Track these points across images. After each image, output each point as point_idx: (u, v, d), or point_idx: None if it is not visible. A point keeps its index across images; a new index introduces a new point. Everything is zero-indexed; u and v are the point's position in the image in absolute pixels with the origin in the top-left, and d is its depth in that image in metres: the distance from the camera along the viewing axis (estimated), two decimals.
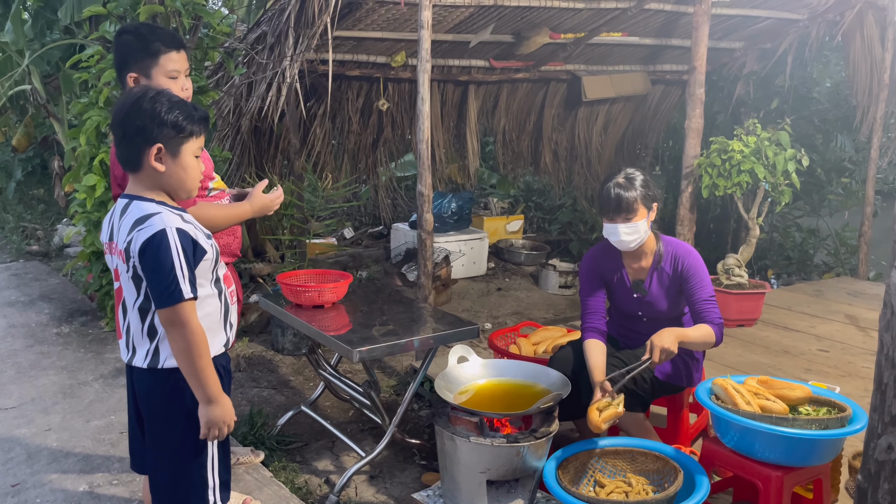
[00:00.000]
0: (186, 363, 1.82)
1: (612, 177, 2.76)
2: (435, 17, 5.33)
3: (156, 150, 1.83)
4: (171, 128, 1.82)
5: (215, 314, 1.97)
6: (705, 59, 4.49)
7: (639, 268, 2.89)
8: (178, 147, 1.85)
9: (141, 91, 1.84)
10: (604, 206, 2.74)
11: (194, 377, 1.82)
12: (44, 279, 6.24)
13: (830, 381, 3.75)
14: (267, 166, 6.36)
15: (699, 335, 2.67)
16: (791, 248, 7.04)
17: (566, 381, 2.67)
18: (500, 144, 7.48)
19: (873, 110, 6.08)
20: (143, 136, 1.81)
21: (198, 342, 1.81)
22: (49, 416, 3.60)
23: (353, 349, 2.71)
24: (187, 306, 1.79)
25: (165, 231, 1.78)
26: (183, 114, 1.84)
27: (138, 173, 1.87)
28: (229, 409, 1.89)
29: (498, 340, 3.71)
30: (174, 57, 2.43)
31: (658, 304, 2.87)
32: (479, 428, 2.44)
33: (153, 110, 1.80)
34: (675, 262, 2.82)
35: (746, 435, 2.35)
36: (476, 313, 5.68)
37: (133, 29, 2.48)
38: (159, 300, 1.79)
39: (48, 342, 4.68)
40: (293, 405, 3.77)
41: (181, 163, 1.87)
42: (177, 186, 1.90)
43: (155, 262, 1.77)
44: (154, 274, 1.78)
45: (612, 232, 2.75)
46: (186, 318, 1.79)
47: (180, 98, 1.88)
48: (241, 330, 4.96)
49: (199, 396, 1.85)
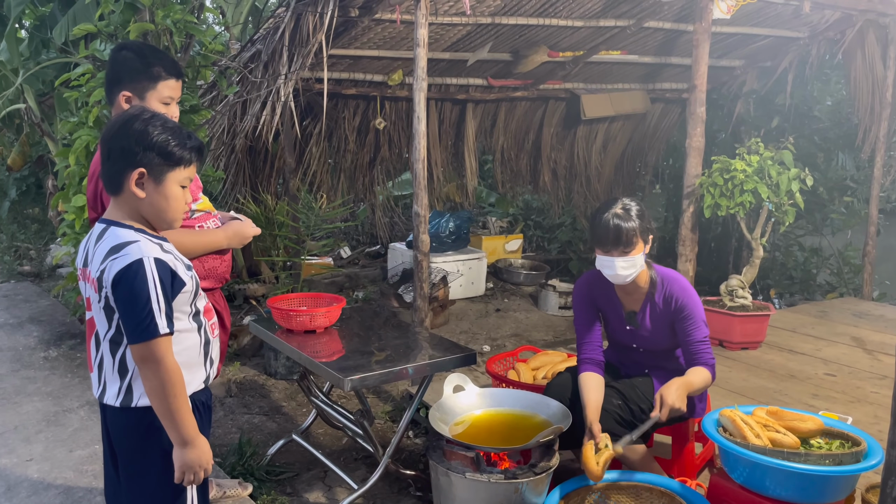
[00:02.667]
0: (160, 403, 1.70)
1: (608, 207, 2.62)
2: (432, 35, 5.28)
3: (137, 174, 1.72)
4: (157, 153, 1.72)
5: (194, 349, 1.85)
6: (706, 77, 4.42)
7: (631, 299, 2.78)
8: (162, 174, 1.75)
9: (137, 111, 1.75)
10: (600, 237, 2.58)
11: (168, 418, 1.71)
12: (34, 301, 6.13)
13: (839, 407, 3.64)
14: (262, 186, 6.28)
15: (700, 381, 2.59)
16: (794, 268, 6.94)
17: (567, 412, 2.56)
18: (499, 163, 7.41)
19: (875, 129, 6.02)
20: (126, 159, 1.72)
21: (173, 381, 1.69)
22: (31, 444, 3.48)
23: (345, 377, 2.60)
24: (162, 342, 1.68)
25: (142, 261, 1.68)
26: (175, 140, 1.74)
27: (118, 196, 1.77)
28: (206, 452, 1.77)
29: (496, 366, 3.60)
30: (172, 84, 2.41)
31: (652, 337, 2.77)
32: (475, 463, 2.32)
33: (143, 132, 1.71)
34: (669, 297, 2.69)
35: (757, 470, 2.24)
36: (474, 335, 5.57)
37: (135, 47, 2.44)
38: (132, 335, 1.68)
39: (35, 367, 4.56)
40: (285, 432, 3.65)
41: (164, 191, 1.76)
42: (155, 216, 1.79)
43: (129, 293, 1.66)
44: (128, 307, 1.67)
45: (608, 265, 2.60)
46: (161, 355, 1.68)
47: (176, 124, 1.79)
48: (233, 353, 4.85)
49: (174, 438, 1.73)
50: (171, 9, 3.60)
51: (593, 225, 2.64)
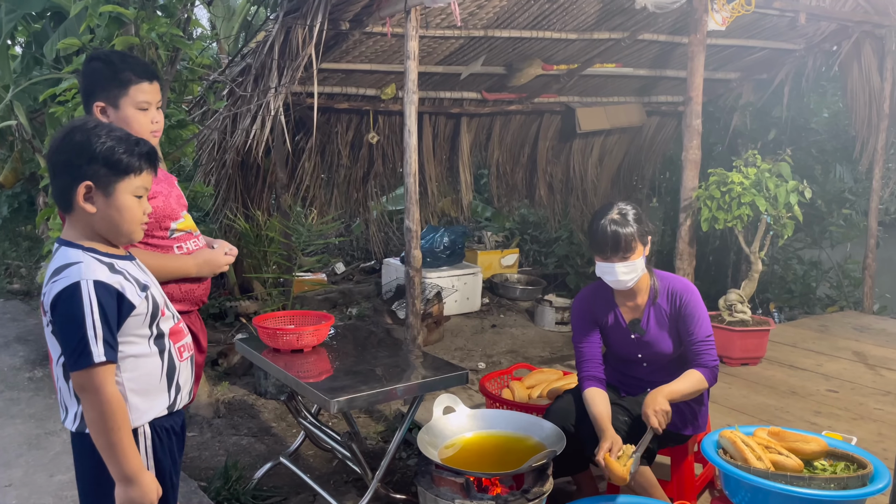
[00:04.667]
0: (98, 435, 1.60)
1: (604, 212, 2.57)
2: (424, 48, 5.23)
3: (84, 188, 1.62)
4: (102, 163, 1.62)
5: (154, 375, 1.74)
6: (701, 89, 4.37)
7: (633, 306, 2.71)
8: (110, 185, 1.64)
9: (78, 122, 1.66)
10: (598, 244, 2.54)
11: (108, 451, 1.60)
12: (22, 320, 6.03)
13: (842, 425, 3.55)
14: (253, 202, 6.21)
15: (689, 385, 2.53)
16: (793, 281, 6.86)
17: (561, 434, 2.46)
18: (494, 177, 7.35)
19: (873, 140, 5.97)
20: (70, 173, 1.62)
21: (111, 412, 1.58)
22: (11, 469, 3.37)
23: (331, 399, 2.51)
24: (99, 372, 1.57)
25: (79, 284, 1.57)
26: (120, 147, 1.63)
27: (70, 214, 1.67)
28: (150, 489, 1.65)
29: (490, 384, 3.51)
30: (145, 88, 2.29)
31: (658, 345, 2.68)
32: (465, 489, 2.23)
33: (84, 143, 1.61)
34: (673, 297, 2.65)
35: (759, 495, 2.15)
36: (469, 352, 5.47)
37: (103, 56, 2.34)
38: (69, 362, 1.59)
39: (18, 387, 4.46)
40: (273, 454, 3.55)
41: (115, 203, 1.65)
42: (110, 230, 1.69)
43: (64, 318, 1.57)
44: (63, 332, 1.58)
45: (608, 271, 2.56)
46: (98, 385, 1.57)
47: (124, 132, 1.69)
48: (222, 372, 4.75)
49: (114, 474, 1.62)
50: (156, 22, 3.54)
51: (591, 232, 2.60)
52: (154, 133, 2.35)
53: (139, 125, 2.27)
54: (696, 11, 4.32)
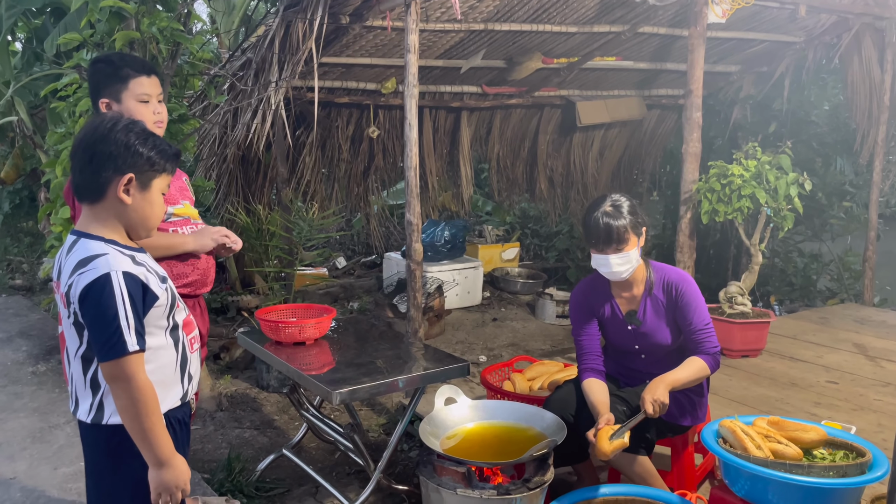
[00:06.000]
0: (132, 422, 1.63)
1: (598, 205, 2.59)
2: (424, 42, 5.23)
3: (126, 179, 1.68)
4: (145, 160, 1.70)
5: (169, 366, 1.78)
6: (702, 82, 4.37)
7: (630, 297, 2.73)
8: (149, 181, 1.72)
9: (115, 118, 1.71)
10: (592, 236, 2.57)
11: (141, 438, 1.64)
12: (24, 315, 6.05)
13: (842, 416, 3.56)
14: (254, 196, 6.22)
15: (691, 373, 2.55)
16: (793, 274, 6.87)
17: (562, 424, 2.48)
18: (495, 171, 7.35)
19: (874, 133, 5.97)
20: (115, 165, 1.67)
21: (145, 399, 1.62)
22: (15, 462, 3.39)
23: (333, 391, 2.52)
24: (132, 360, 1.61)
25: (110, 275, 1.61)
26: (157, 148, 1.72)
27: (96, 204, 1.70)
28: (183, 472, 1.70)
29: (491, 377, 3.52)
30: (144, 81, 2.47)
31: (655, 335, 2.70)
32: (466, 478, 2.24)
33: (128, 140, 1.68)
34: (669, 288, 2.67)
35: (758, 483, 2.16)
36: (471, 345, 5.48)
37: (104, 57, 2.57)
38: (101, 353, 1.61)
39: (22, 382, 4.48)
40: (276, 447, 3.56)
41: (149, 197, 1.74)
42: (139, 222, 1.75)
43: (96, 309, 1.59)
44: (95, 323, 1.60)
45: (603, 263, 2.58)
46: (131, 373, 1.61)
47: (153, 132, 1.77)
48: (225, 366, 4.77)
49: (148, 459, 1.66)
50: (157, 17, 3.54)
51: (585, 224, 2.62)
52: (158, 124, 2.50)
53: (142, 117, 2.40)
54: (696, 4, 4.32)
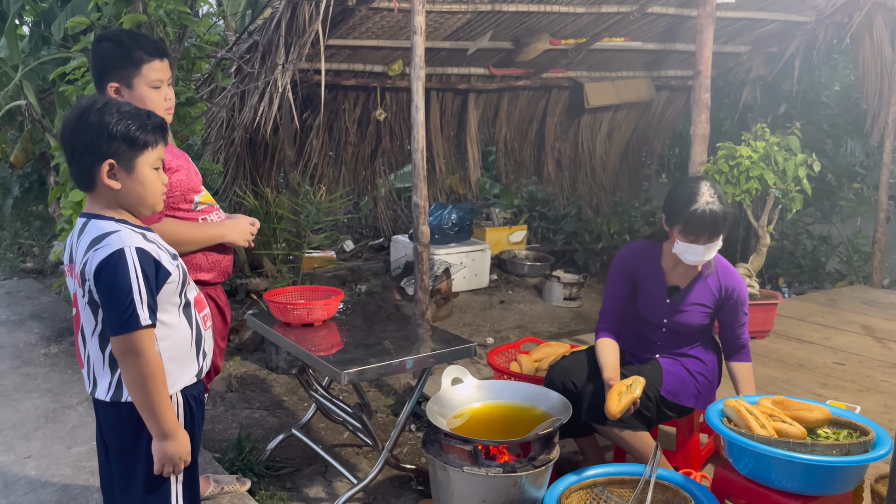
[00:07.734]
0: (140, 396, 1.68)
1: (696, 195, 2.52)
2: (431, 23, 5.21)
3: (107, 166, 1.68)
4: (121, 141, 1.67)
5: (184, 343, 1.82)
6: (710, 63, 4.33)
7: (680, 274, 2.74)
8: (131, 161, 1.70)
9: (88, 102, 1.69)
10: (698, 229, 2.51)
11: (148, 411, 1.69)
12: (36, 297, 6.12)
13: (848, 397, 3.57)
14: (262, 180, 6.23)
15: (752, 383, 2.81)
16: (802, 256, 6.84)
17: (567, 403, 2.50)
18: (502, 154, 7.33)
19: (884, 114, 5.91)
20: (93, 154, 1.67)
21: (154, 374, 1.66)
22: (29, 442, 3.45)
23: (342, 371, 2.55)
24: (144, 335, 1.64)
25: (123, 251, 1.64)
26: (135, 124, 1.68)
27: (93, 192, 1.73)
28: (185, 444, 1.77)
29: (498, 358, 3.54)
30: (157, 66, 2.32)
31: (689, 316, 2.73)
32: (473, 457, 2.27)
33: (101, 123, 1.65)
34: (725, 287, 2.70)
35: (762, 462, 2.18)
36: (478, 327, 5.51)
37: (113, 36, 2.35)
38: (113, 327, 1.64)
39: (35, 363, 4.54)
40: (286, 427, 3.61)
41: (138, 178, 1.72)
42: (136, 203, 1.75)
43: (111, 284, 1.62)
44: (109, 298, 1.63)
45: (694, 252, 2.56)
46: (142, 348, 1.64)
47: (133, 107, 1.73)
48: (234, 348, 4.82)
49: (154, 431, 1.72)
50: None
51: (688, 218, 2.51)
52: (168, 110, 2.39)
53: (153, 103, 2.30)
54: None
